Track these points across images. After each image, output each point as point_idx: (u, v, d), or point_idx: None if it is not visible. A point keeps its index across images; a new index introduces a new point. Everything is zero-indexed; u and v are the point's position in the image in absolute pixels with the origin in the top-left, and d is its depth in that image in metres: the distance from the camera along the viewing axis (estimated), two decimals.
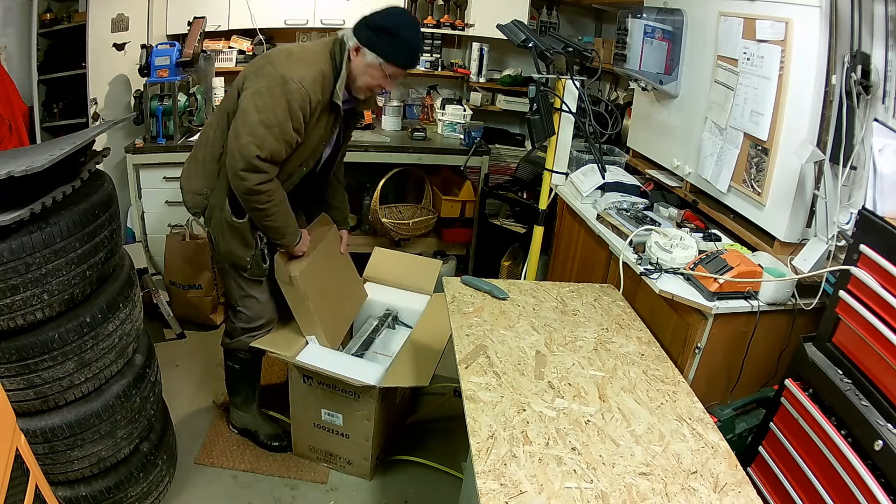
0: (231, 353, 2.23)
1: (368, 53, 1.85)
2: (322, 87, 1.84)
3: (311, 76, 1.81)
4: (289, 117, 1.79)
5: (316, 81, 1.82)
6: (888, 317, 1.28)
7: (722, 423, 1.59)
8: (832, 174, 1.73)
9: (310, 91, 1.80)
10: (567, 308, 1.84)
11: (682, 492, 1.19)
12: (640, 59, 2.52)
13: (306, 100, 1.79)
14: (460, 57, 4.01)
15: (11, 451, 1.17)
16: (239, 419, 2.35)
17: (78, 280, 1.55)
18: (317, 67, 1.83)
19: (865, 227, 1.38)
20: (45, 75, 2.85)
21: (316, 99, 1.82)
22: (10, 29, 2.69)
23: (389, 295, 2.60)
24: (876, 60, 1.61)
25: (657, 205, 2.36)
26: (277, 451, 2.31)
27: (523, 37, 2.00)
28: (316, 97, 1.82)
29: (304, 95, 1.78)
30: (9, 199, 1.39)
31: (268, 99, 1.78)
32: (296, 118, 1.80)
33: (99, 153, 1.79)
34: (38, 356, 1.50)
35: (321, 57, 1.87)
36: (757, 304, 1.70)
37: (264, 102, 1.78)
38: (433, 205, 3.58)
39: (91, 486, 1.73)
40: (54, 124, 2.92)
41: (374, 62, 1.86)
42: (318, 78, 1.82)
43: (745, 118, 1.95)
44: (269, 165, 1.83)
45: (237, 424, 2.36)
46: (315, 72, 1.82)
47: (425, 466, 2.31)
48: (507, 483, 1.17)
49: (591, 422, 1.36)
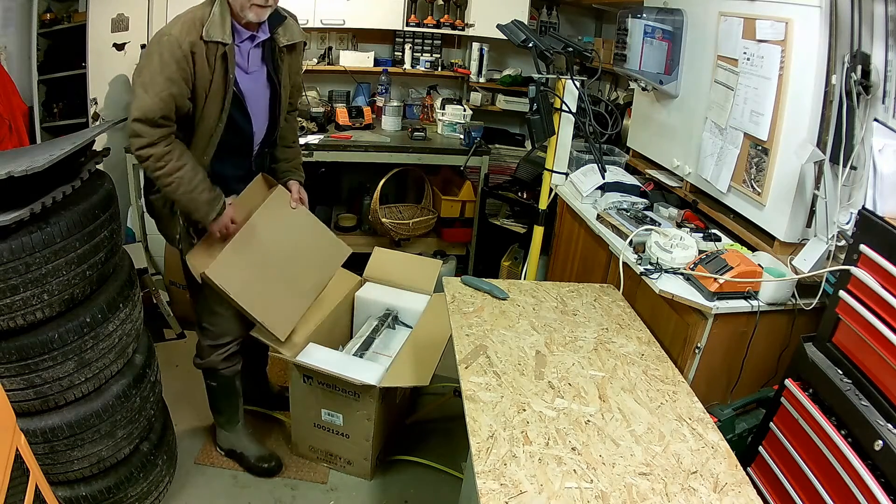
0: (208, 371, 2.13)
1: None
2: (194, 29, 1.71)
3: (180, 24, 1.71)
4: (160, 70, 1.67)
5: (185, 25, 1.71)
6: (888, 317, 1.28)
7: (722, 423, 1.59)
8: (832, 174, 1.73)
9: (179, 37, 1.68)
10: (567, 308, 1.84)
11: (682, 492, 1.19)
12: (640, 59, 2.52)
13: (176, 46, 1.67)
14: (460, 57, 4.01)
15: (11, 451, 1.17)
16: (225, 440, 2.26)
17: (78, 280, 1.55)
18: (190, 15, 1.74)
19: (865, 227, 1.38)
20: (45, 75, 2.86)
21: (189, 41, 1.69)
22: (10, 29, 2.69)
23: (389, 295, 2.60)
24: (876, 60, 1.61)
25: (657, 205, 2.36)
26: (266, 474, 2.21)
27: (523, 37, 2.00)
28: (189, 39, 1.69)
29: (172, 42, 1.67)
30: (9, 199, 1.39)
31: (143, 60, 1.73)
32: (167, 68, 1.67)
33: (99, 153, 1.80)
34: (39, 356, 1.50)
35: (197, 7, 1.77)
36: (757, 304, 1.70)
37: (140, 64, 1.74)
38: (433, 205, 3.59)
39: (91, 486, 1.73)
40: (54, 124, 2.93)
41: None
42: (188, 22, 1.71)
43: (745, 118, 1.95)
44: (147, 127, 1.69)
45: (224, 446, 2.27)
46: (186, 18, 1.72)
47: (425, 466, 2.31)
48: (507, 483, 1.17)
49: (591, 422, 1.36)
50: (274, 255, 2.05)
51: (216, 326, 2.05)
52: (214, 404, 2.22)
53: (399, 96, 3.86)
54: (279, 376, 2.67)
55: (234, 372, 2.13)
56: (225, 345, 2.07)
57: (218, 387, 2.16)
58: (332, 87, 3.82)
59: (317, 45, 3.74)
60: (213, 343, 2.06)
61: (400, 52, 3.83)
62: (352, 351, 2.31)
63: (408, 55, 3.79)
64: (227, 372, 2.11)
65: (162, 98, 1.68)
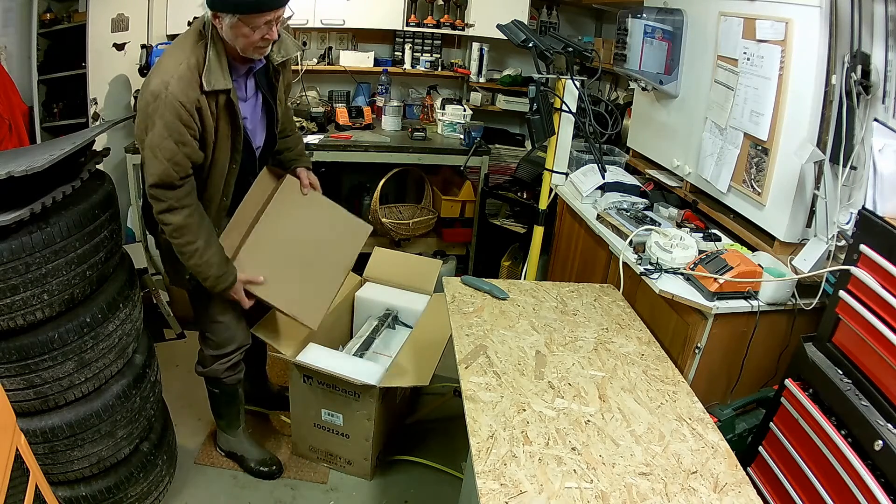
0: (210, 379, 2.11)
1: (225, 16, 1.61)
2: (194, 81, 1.63)
3: (177, 77, 1.61)
4: (167, 134, 1.62)
5: (183, 80, 1.61)
6: (888, 317, 1.28)
7: (722, 423, 1.59)
8: (832, 174, 1.73)
9: (179, 96, 1.60)
10: (567, 308, 1.84)
11: (682, 492, 1.19)
12: (640, 59, 2.52)
13: (179, 107, 1.61)
14: (460, 57, 4.01)
15: (11, 451, 1.17)
16: (226, 442, 2.25)
17: (78, 280, 1.55)
18: (181, 63, 1.63)
19: (865, 227, 1.38)
20: (45, 75, 2.85)
21: (191, 99, 1.62)
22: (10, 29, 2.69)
23: (389, 295, 2.60)
24: (876, 60, 1.61)
25: (657, 205, 2.36)
26: (266, 477, 2.19)
27: (523, 37, 2.00)
28: (191, 97, 1.62)
29: (174, 103, 1.60)
30: (9, 199, 1.39)
31: (144, 120, 1.64)
32: (174, 132, 1.62)
33: (99, 153, 1.79)
34: (39, 356, 1.50)
35: (187, 47, 1.66)
36: (757, 304, 1.70)
37: (141, 123, 1.65)
38: (433, 205, 3.59)
39: (91, 486, 1.73)
40: (54, 124, 2.92)
41: (234, 21, 1.62)
42: (184, 75, 1.62)
43: (745, 118, 1.95)
44: (165, 191, 1.67)
45: (224, 447, 2.27)
46: (181, 69, 1.62)
47: (425, 466, 2.31)
48: (507, 483, 1.17)
49: (591, 422, 1.36)
50: (294, 244, 2.01)
51: (218, 335, 2.01)
52: (216, 409, 2.21)
53: (399, 96, 3.86)
54: (279, 376, 2.67)
55: (236, 380, 2.10)
56: (227, 354, 2.03)
57: (220, 394, 2.14)
58: (332, 87, 3.82)
59: (317, 45, 3.74)
60: (215, 353, 2.03)
61: (400, 52, 3.83)
62: (352, 351, 2.31)
63: (408, 55, 3.79)
64: (230, 380, 2.08)
65: (175, 162, 1.65)
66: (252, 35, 1.64)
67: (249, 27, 1.62)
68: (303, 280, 2.02)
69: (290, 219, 2.00)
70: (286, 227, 1.99)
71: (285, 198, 2.00)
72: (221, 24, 1.63)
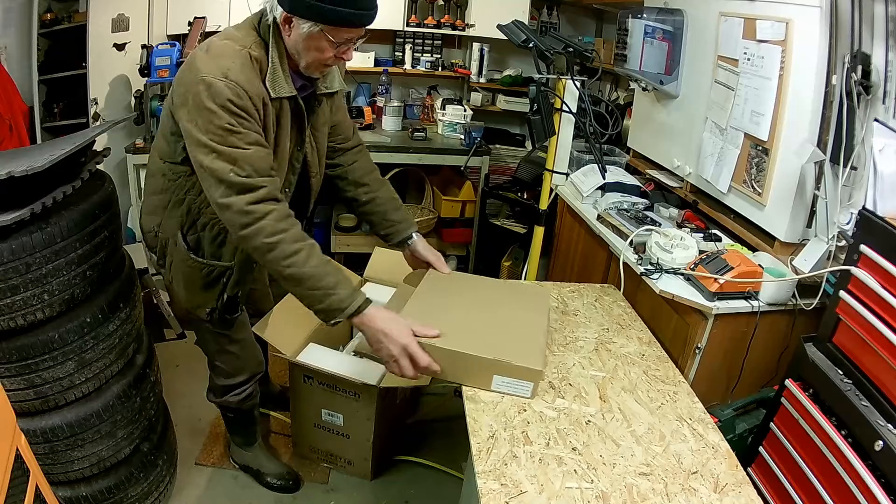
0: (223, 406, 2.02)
1: (302, 22, 1.39)
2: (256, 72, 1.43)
3: (238, 65, 1.38)
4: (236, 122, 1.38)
5: (245, 69, 1.39)
6: (888, 317, 1.28)
7: (722, 424, 1.59)
8: (832, 174, 1.73)
9: (243, 84, 1.37)
10: (567, 308, 1.84)
11: (683, 492, 1.19)
12: (640, 59, 2.52)
13: (242, 94, 1.37)
14: (461, 57, 4.01)
15: (11, 451, 1.17)
16: (241, 457, 2.20)
17: (78, 280, 1.55)
18: (241, 54, 1.41)
19: (866, 228, 1.38)
20: (45, 75, 2.85)
21: (255, 92, 1.40)
22: (11, 29, 2.69)
23: (389, 295, 2.57)
24: (876, 60, 1.61)
25: (657, 205, 2.36)
26: (284, 492, 2.13)
27: (524, 37, 2.00)
28: (255, 90, 1.40)
29: (235, 90, 1.36)
30: (9, 199, 1.39)
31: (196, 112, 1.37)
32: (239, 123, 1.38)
33: (99, 153, 1.79)
34: (39, 356, 1.50)
35: (246, 40, 1.44)
36: (757, 305, 1.70)
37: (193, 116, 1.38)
38: (433, 205, 3.58)
39: (91, 486, 1.73)
40: (54, 124, 2.92)
41: (314, 31, 1.39)
42: (246, 64, 1.40)
43: (746, 118, 1.95)
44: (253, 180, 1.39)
45: (238, 461, 2.21)
46: (241, 59, 1.39)
47: (426, 466, 2.31)
48: (507, 483, 1.17)
49: (592, 422, 1.36)
50: (466, 310, 1.59)
51: (229, 364, 1.89)
52: (232, 429, 2.15)
53: (399, 96, 3.85)
54: (279, 376, 2.67)
55: (252, 405, 2.02)
56: (240, 385, 1.92)
57: (235, 418, 2.08)
58: None
59: None
60: (226, 383, 1.91)
61: (400, 52, 3.83)
62: (352, 351, 2.31)
63: (408, 55, 3.79)
64: (245, 407, 2.01)
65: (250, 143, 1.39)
66: (327, 51, 1.43)
67: (329, 41, 1.41)
68: (494, 334, 1.50)
69: (450, 294, 1.67)
70: (449, 298, 1.64)
71: (432, 285, 1.69)
72: (293, 31, 1.42)
